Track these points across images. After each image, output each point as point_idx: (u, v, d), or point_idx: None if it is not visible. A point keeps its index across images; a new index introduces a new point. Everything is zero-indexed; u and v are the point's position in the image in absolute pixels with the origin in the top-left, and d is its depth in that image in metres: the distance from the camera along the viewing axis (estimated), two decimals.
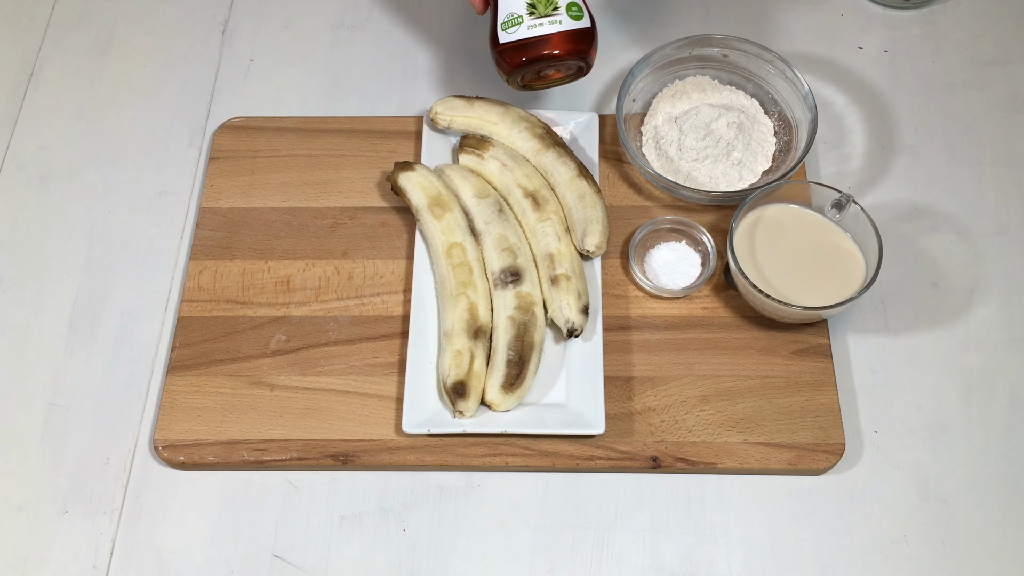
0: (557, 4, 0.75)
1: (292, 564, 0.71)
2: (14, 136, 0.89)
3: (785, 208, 0.79)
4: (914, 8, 0.95)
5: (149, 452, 0.75)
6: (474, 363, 0.73)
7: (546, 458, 0.73)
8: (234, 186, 0.85)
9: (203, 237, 0.83)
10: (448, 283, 0.76)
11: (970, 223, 0.83)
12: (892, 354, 0.78)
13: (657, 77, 0.87)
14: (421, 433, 0.73)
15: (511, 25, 0.75)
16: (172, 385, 0.76)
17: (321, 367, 0.77)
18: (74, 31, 0.95)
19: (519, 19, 0.75)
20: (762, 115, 0.86)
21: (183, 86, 0.92)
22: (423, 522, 0.72)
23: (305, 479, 0.74)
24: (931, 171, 0.86)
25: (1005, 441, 0.74)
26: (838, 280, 0.76)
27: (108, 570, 0.71)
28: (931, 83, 0.90)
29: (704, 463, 0.73)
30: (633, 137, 0.85)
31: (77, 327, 0.80)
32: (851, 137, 0.88)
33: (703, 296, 0.79)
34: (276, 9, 0.96)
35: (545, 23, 0.75)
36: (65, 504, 0.73)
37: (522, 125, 0.82)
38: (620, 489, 0.73)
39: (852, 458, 0.74)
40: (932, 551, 0.71)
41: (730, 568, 0.70)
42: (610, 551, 0.71)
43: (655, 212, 0.83)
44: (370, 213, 0.84)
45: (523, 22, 0.75)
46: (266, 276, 0.81)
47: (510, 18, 0.75)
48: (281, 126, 0.88)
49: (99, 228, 0.85)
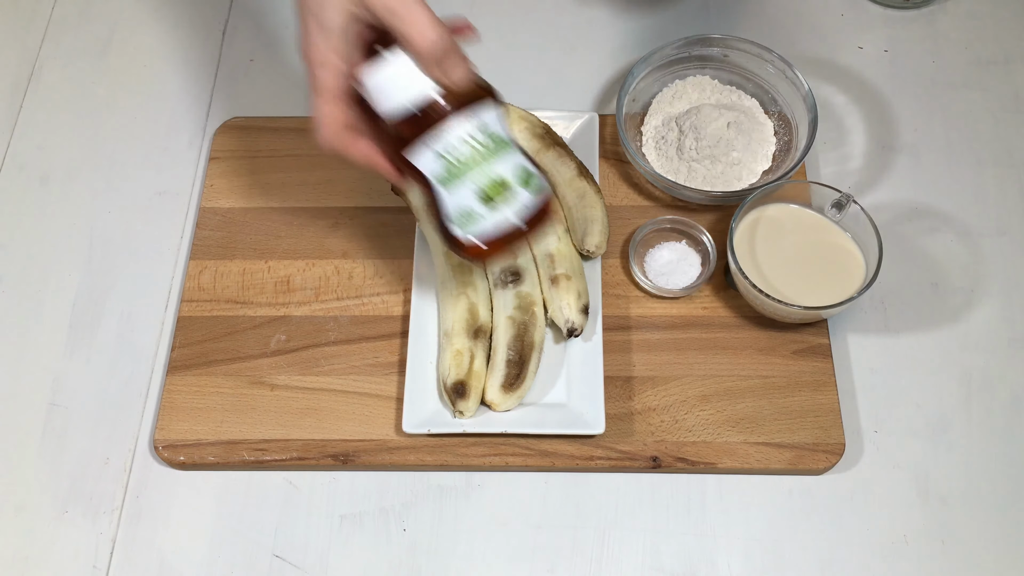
0: (508, 183, 0.62)
1: (292, 564, 0.71)
2: (14, 136, 0.89)
3: (785, 208, 0.79)
4: (914, 8, 0.95)
5: (149, 452, 0.75)
6: (474, 363, 0.73)
7: (546, 458, 0.73)
8: (234, 186, 0.85)
9: (203, 237, 0.83)
10: (448, 283, 0.76)
11: (970, 223, 0.83)
12: (892, 354, 0.78)
13: (657, 77, 0.87)
14: (421, 433, 0.73)
15: (468, 223, 0.62)
16: (172, 385, 0.76)
17: (321, 367, 0.77)
18: (74, 31, 0.95)
19: (474, 215, 0.62)
20: (762, 115, 0.86)
21: (183, 86, 0.92)
22: (423, 522, 0.72)
23: (305, 479, 0.74)
24: (931, 171, 0.86)
25: (1005, 441, 0.74)
26: (838, 280, 0.76)
27: (108, 570, 0.71)
28: (931, 83, 0.90)
29: (704, 463, 0.73)
30: (633, 137, 0.85)
31: (77, 327, 0.80)
32: (851, 137, 0.88)
33: (703, 296, 0.79)
34: (276, 9, 0.96)
35: (506, 211, 0.62)
36: (65, 504, 0.73)
37: (522, 125, 0.82)
38: (620, 489, 0.73)
39: (852, 458, 0.74)
40: (932, 551, 0.71)
41: (730, 568, 0.70)
42: (610, 551, 0.71)
43: (655, 212, 0.83)
44: (370, 213, 0.84)
45: (483, 217, 0.62)
46: (266, 276, 0.81)
47: (463, 215, 0.62)
48: (281, 126, 0.88)
49: (99, 228, 0.85)
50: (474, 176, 0.61)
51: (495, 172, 0.61)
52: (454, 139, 0.60)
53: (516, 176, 0.62)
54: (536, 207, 0.63)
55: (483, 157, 0.61)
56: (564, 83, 0.91)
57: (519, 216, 0.63)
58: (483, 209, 0.62)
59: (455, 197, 0.62)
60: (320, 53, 0.61)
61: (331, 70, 0.61)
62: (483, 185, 0.61)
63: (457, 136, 0.60)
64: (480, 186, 0.61)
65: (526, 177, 0.63)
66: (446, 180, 0.61)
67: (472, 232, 0.62)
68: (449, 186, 0.61)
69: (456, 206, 0.62)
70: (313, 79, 0.62)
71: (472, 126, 0.61)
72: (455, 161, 0.61)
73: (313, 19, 0.61)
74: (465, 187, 0.61)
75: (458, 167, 0.61)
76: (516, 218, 0.62)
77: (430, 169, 0.61)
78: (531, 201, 0.63)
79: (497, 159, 0.62)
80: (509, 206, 0.62)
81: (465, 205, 0.62)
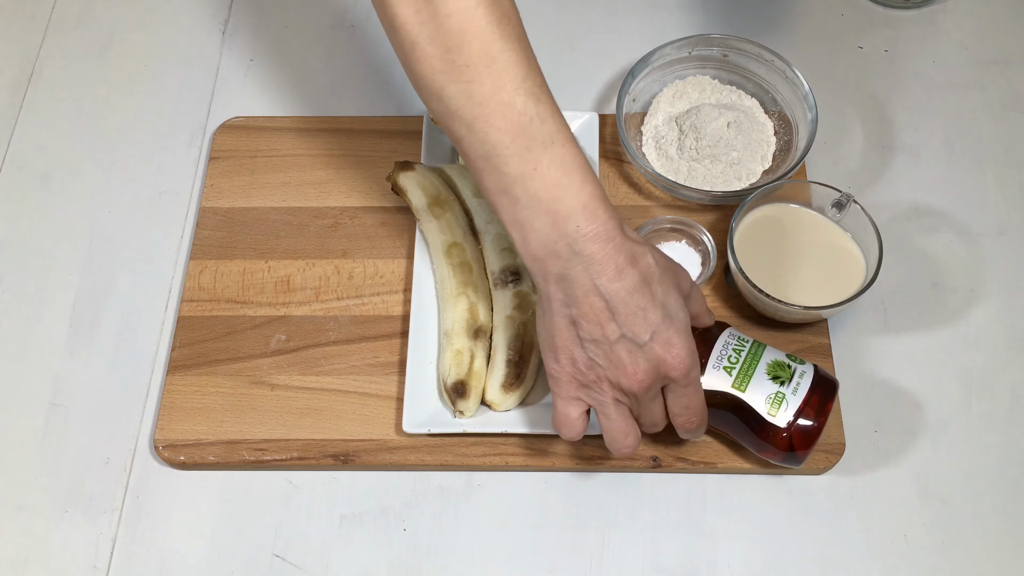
0: (787, 363, 0.68)
1: (292, 564, 0.71)
2: (14, 136, 0.89)
3: (785, 208, 0.79)
4: (914, 8, 0.95)
5: (149, 452, 0.75)
6: (474, 363, 0.73)
7: (546, 458, 0.73)
8: (234, 186, 0.85)
9: (203, 237, 0.83)
10: (448, 283, 0.76)
11: (970, 223, 0.83)
12: (892, 354, 0.78)
13: (657, 77, 0.87)
14: (421, 433, 0.73)
15: (778, 405, 0.67)
16: (172, 385, 0.76)
17: (321, 367, 0.77)
18: (74, 31, 0.95)
19: (780, 396, 0.67)
20: (762, 115, 0.86)
21: (183, 86, 0.92)
22: (423, 522, 0.72)
23: (305, 479, 0.74)
24: (931, 171, 0.86)
25: (1005, 441, 0.74)
26: (838, 280, 0.76)
27: (108, 570, 0.71)
28: (931, 83, 0.90)
29: (704, 463, 0.73)
30: (633, 137, 0.85)
31: (77, 327, 0.80)
32: (851, 137, 0.88)
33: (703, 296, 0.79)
34: (276, 9, 0.96)
35: (799, 381, 0.67)
36: (65, 504, 0.73)
37: None
38: (620, 489, 0.73)
39: (852, 458, 0.74)
40: (932, 551, 0.71)
41: (730, 568, 0.70)
42: (610, 551, 0.71)
43: (655, 212, 0.83)
44: (370, 213, 0.84)
45: (785, 396, 0.67)
46: (266, 276, 0.81)
47: (772, 400, 0.67)
48: (281, 126, 0.88)
49: (99, 228, 0.85)
50: (760, 367, 0.68)
51: (771, 359, 0.68)
52: (729, 350, 0.68)
53: (786, 356, 0.69)
54: (814, 370, 0.69)
55: (753, 355, 0.68)
56: (564, 83, 0.91)
57: (809, 380, 0.68)
58: (784, 389, 0.67)
59: (756, 392, 0.67)
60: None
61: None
62: (769, 369, 0.68)
63: (726, 347, 0.68)
64: (768, 371, 0.68)
65: (792, 357, 0.69)
66: (742, 384, 0.67)
67: (786, 414, 0.67)
68: (746, 389, 0.67)
69: (762, 396, 0.67)
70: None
71: (732, 339, 0.69)
72: (736, 364, 0.68)
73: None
74: (758, 378, 0.67)
75: (742, 367, 0.68)
76: (808, 382, 0.68)
77: (723, 383, 0.68)
78: (809, 369, 0.68)
79: (764, 352, 0.69)
80: (799, 374, 0.68)
81: (768, 392, 0.67)
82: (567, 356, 0.63)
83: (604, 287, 0.60)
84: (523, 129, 0.59)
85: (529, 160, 0.59)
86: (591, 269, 0.60)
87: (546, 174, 0.59)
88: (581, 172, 0.60)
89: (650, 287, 0.61)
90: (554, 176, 0.59)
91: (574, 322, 0.61)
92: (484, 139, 0.60)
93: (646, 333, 0.61)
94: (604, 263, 0.60)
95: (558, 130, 0.60)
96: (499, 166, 0.60)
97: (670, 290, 0.62)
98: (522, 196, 0.60)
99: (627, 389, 0.62)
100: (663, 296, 0.61)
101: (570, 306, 0.61)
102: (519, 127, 0.59)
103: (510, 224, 0.61)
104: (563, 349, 0.63)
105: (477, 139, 0.60)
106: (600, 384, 0.63)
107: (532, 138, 0.59)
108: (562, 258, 0.60)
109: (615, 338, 0.61)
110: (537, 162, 0.59)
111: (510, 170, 0.60)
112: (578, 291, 0.60)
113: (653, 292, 0.61)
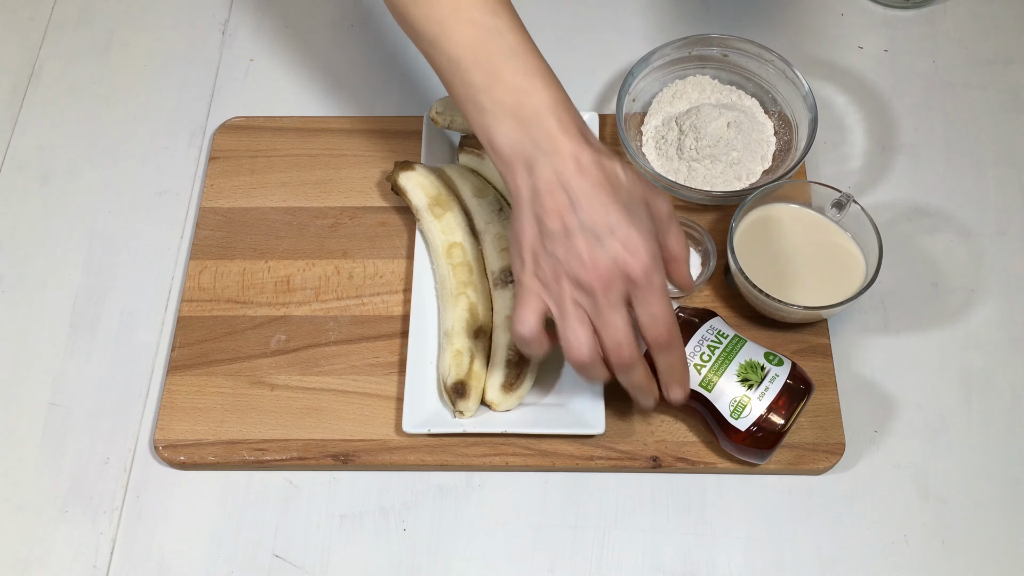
0: (760, 364, 0.69)
1: (292, 564, 0.71)
2: (14, 136, 0.89)
3: (785, 208, 0.79)
4: (914, 8, 0.95)
5: (149, 452, 0.75)
6: (474, 363, 0.73)
7: (546, 458, 0.73)
8: (234, 186, 0.85)
9: (203, 237, 0.83)
10: (448, 283, 0.76)
11: (970, 223, 0.83)
12: (892, 354, 0.78)
13: (657, 77, 0.87)
14: (421, 433, 0.73)
15: (740, 411, 0.68)
16: (172, 385, 0.76)
17: (321, 367, 0.77)
18: (74, 31, 0.95)
19: (745, 401, 0.68)
20: (762, 115, 0.86)
21: (183, 86, 0.92)
22: (423, 522, 0.72)
23: (305, 479, 0.74)
24: (931, 171, 0.86)
25: (1005, 441, 0.74)
26: (838, 280, 0.76)
27: (108, 570, 0.71)
28: (931, 83, 0.90)
29: (704, 463, 0.73)
30: (633, 137, 0.85)
31: (77, 327, 0.80)
32: (851, 137, 0.88)
33: (703, 296, 0.79)
34: (276, 9, 0.96)
35: (768, 386, 0.68)
36: (65, 504, 0.73)
37: None
38: (620, 489, 0.73)
39: (852, 458, 0.74)
40: (932, 551, 0.71)
41: (730, 568, 0.70)
42: (610, 551, 0.71)
43: None
44: (370, 213, 0.84)
45: (750, 401, 0.68)
46: (266, 276, 0.81)
47: (735, 405, 0.68)
48: (281, 126, 0.88)
49: (99, 228, 0.85)
50: (732, 367, 0.68)
51: (745, 359, 0.69)
52: (703, 347, 0.69)
53: (763, 356, 0.69)
54: (789, 371, 0.69)
55: (728, 354, 0.69)
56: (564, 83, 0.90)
57: (780, 384, 0.68)
58: (751, 394, 0.68)
59: (723, 394, 0.68)
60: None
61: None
62: (740, 370, 0.68)
63: (702, 342, 0.69)
64: (739, 372, 0.68)
65: (769, 356, 0.70)
66: (709, 384, 0.68)
67: (747, 419, 0.68)
68: (712, 388, 0.68)
69: (727, 399, 0.68)
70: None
71: (710, 333, 0.69)
72: (707, 363, 0.69)
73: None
74: (727, 379, 0.68)
75: (713, 365, 0.69)
76: (778, 385, 0.68)
77: (691, 380, 0.68)
78: (785, 371, 0.69)
79: (741, 351, 0.69)
80: (769, 379, 0.68)
81: (734, 396, 0.68)
82: (530, 253, 0.63)
83: (567, 182, 0.61)
84: (483, 43, 0.63)
85: (491, 70, 0.63)
86: (555, 164, 0.61)
87: (509, 81, 0.62)
88: (544, 78, 0.63)
89: (615, 189, 0.62)
90: (517, 82, 0.63)
91: (538, 219, 0.62)
92: (448, 54, 0.64)
93: (605, 227, 0.61)
94: (566, 159, 0.61)
95: (519, 42, 0.64)
96: (464, 78, 0.64)
97: (637, 202, 0.63)
98: (487, 104, 0.63)
99: (585, 284, 0.61)
100: (627, 201, 0.62)
101: (535, 203, 0.62)
102: (479, 41, 0.63)
103: (479, 131, 0.64)
104: (527, 247, 0.63)
105: (442, 55, 0.64)
106: (559, 281, 0.62)
107: (493, 50, 0.63)
108: (528, 157, 0.62)
109: (574, 228, 0.61)
110: (499, 71, 0.63)
111: (474, 80, 0.63)
112: (542, 186, 0.62)
113: (617, 193, 0.62)
